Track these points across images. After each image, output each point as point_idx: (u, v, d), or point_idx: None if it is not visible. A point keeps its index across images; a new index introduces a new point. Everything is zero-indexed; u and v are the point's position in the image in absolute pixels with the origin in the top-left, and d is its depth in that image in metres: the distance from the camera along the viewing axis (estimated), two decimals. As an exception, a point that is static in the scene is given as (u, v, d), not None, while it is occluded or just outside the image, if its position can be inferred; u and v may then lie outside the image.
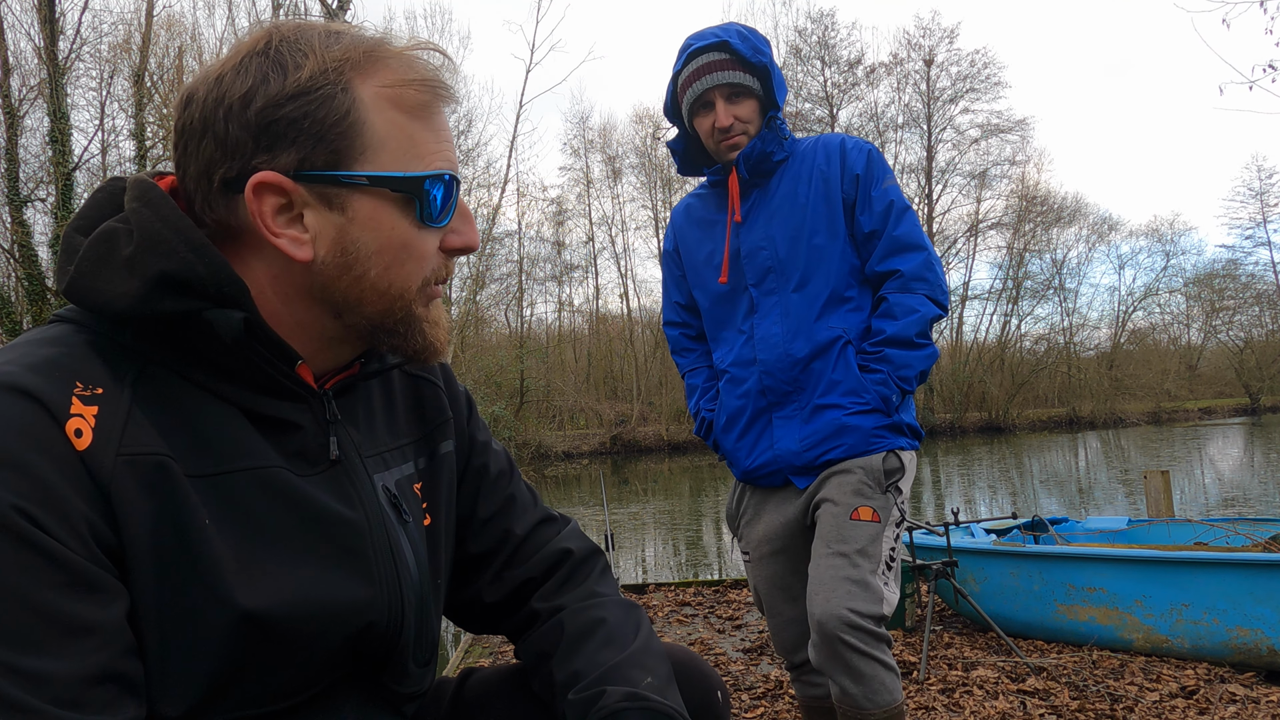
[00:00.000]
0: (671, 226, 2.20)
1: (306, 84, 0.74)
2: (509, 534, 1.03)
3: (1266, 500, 10.87)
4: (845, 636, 1.76)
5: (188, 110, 0.76)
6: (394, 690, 0.90)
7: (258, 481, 0.76)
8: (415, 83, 0.78)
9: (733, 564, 8.38)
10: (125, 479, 0.69)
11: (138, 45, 18.75)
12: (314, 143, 0.74)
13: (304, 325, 0.82)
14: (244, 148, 0.74)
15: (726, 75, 1.90)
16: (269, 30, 0.77)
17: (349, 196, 0.76)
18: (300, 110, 0.73)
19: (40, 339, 0.74)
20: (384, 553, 0.85)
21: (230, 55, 0.77)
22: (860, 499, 1.87)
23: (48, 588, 0.63)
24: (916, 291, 1.91)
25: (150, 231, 0.73)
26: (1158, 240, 39.92)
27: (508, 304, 34.68)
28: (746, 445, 2.03)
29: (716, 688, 1.04)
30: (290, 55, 0.74)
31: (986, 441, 26.36)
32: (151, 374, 0.74)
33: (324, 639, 0.79)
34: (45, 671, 0.61)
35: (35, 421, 0.66)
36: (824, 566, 1.83)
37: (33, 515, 0.63)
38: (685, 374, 2.20)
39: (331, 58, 0.75)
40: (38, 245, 15.61)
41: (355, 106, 0.75)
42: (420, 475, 0.95)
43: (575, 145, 37.14)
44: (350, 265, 0.78)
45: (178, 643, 0.71)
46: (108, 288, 0.73)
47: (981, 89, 34.22)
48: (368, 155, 0.76)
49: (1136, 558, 3.72)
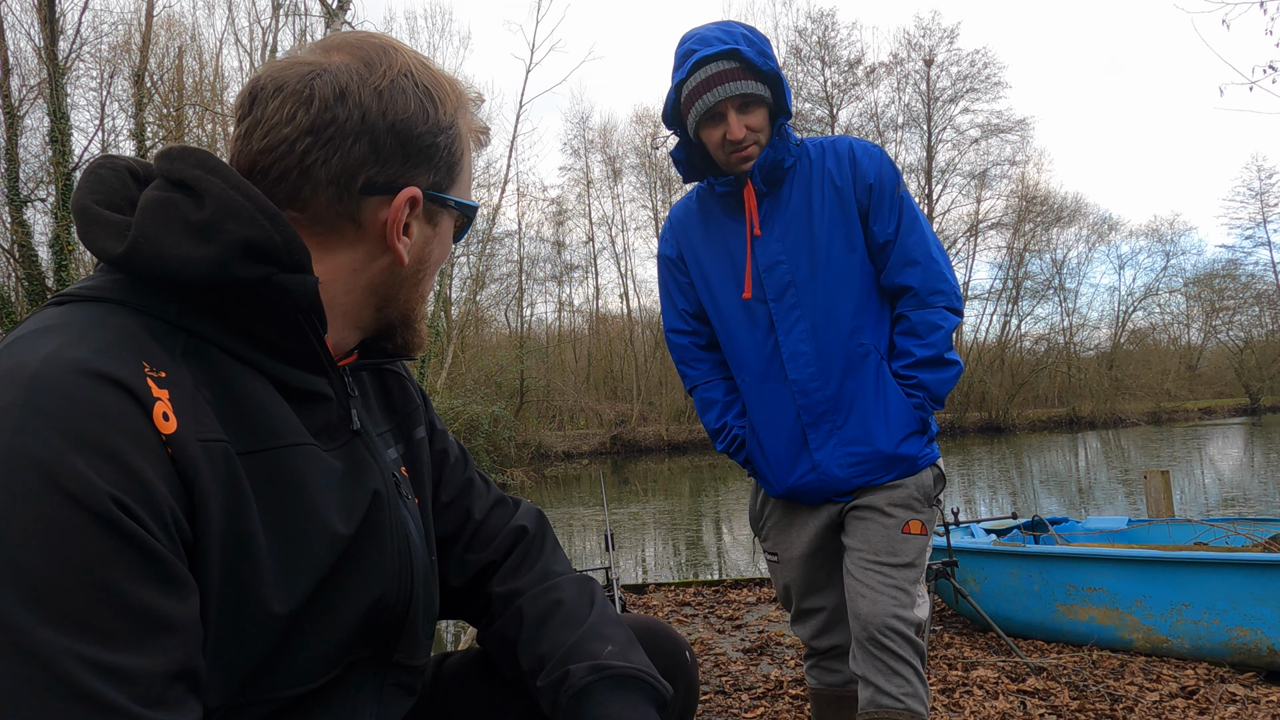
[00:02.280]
0: (671, 231, 2.10)
1: (448, 120, 0.87)
2: (469, 516, 1.08)
3: (1266, 500, 10.87)
4: (888, 641, 1.81)
5: (342, 107, 0.80)
6: (405, 665, 0.93)
7: (296, 459, 0.77)
8: (482, 130, 0.94)
9: (732, 564, 8.38)
10: (204, 468, 0.69)
11: (138, 45, 18.72)
12: (445, 170, 0.88)
13: (347, 311, 0.88)
14: (394, 160, 0.83)
15: (739, 86, 1.81)
16: (402, 54, 0.86)
17: (442, 215, 0.91)
18: (444, 142, 0.87)
19: (81, 319, 0.70)
20: (398, 524, 0.88)
21: (372, 66, 0.83)
22: (911, 513, 1.90)
23: (139, 582, 0.62)
24: (935, 305, 1.90)
25: (226, 199, 0.74)
26: (1158, 240, 39.99)
27: (508, 304, 34.73)
28: (783, 465, 1.98)
29: (684, 648, 1.10)
30: (435, 89, 0.86)
31: (986, 441, 26.36)
32: (194, 349, 0.74)
33: (345, 615, 0.82)
34: (132, 668, 0.60)
35: (123, 408, 0.65)
36: (873, 574, 1.86)
37: (128, 506, 0.62)
38: (699, 385, 2.10)
39: (456, 97, 0.89)
40: (38, 245, 15.57)
41: (462, 142, 0.90)
42: (403, 460, 0.99)
43: (575, 145, 37.24)
44: (419, 271, 0.91)
45: (225, 637, 0.71)
46: (179, 252, 0.72)
47: (981, 89, 34.28)
48: (458, 183, 0.91)
49: (1136, 558, 3.72)
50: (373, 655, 0.87)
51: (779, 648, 4.18)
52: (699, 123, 1.87)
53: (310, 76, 0.80)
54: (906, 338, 1.92)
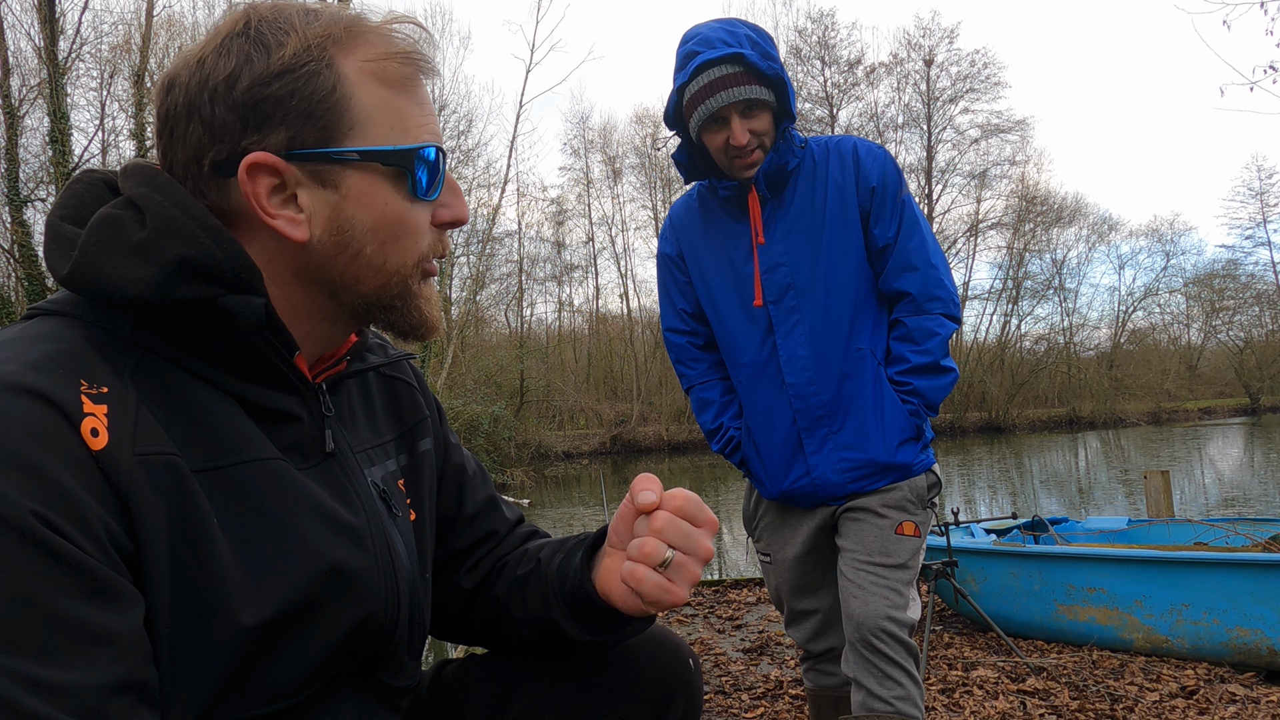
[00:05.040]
0: (671, 229, 2.08)
1: (290, 61, 0.73)
2: (493, 533, 1.08)
3: (1266, 500, 10.87)
4: (881, 644, 1.81)
5: (170, 95, 0.75)
6: (389, 685, 0.90)
7: (261, 474, 0.75)
8: (397, 56, 0.78)
9: (732, 564, 8.37)
10: (141, 481, 0.67)
11: (138, 45, 18.72)
12: (303, 120, 0.74)
13: (298, 308, 0.81)
14: (232, 129, 0.73)
15: (743, 91, 1.77)
16: (246, 10, 0.76)
17: (341, 173, 0.76)
18: (286, 88, 0.73)
19: (29, 335, 0.70)
20: (380, 545, 0.85)
21: (209, 38, 0.76)
22: (904, 514, 1.90)
23: (67, 595, 0.61)
24: (933, 312, 1.89)
25: (165, 216, 0.71)
26: (1158, 240, 39.99)
27: (508, 304, 34.71)
28: (778, 469, 1.98)
29: (688, 656, 1.08)
30: (271, 34, 0.74)
31: (986, 441, 26.35)
32: (149, 366, 0.72)
33: (325, 634, 0.79)
34: (65, 682, 0.59)
35: (48, 423, 0.64)
36: (866, 575, 1.86)
37: (51, 521, 0.61)
38: (696, 385, 2.09)
39: (313, 34, 0.75)
40: (37, 245, 15.57)
41: (340, 82, 0.75)
42: (403, 472, 0.96)
43: (575, 145, 37.17)
44: (346, 243, 0.78)
45: (186, 650, 0.70)
46: (118, 273, 0.70)
47: (981, 89, 34.27)
48: (356, 131, 0.76)
49: (1136, 558, 3.72)
50: (355, 673, 0.85)
51: (779, 648, 4.18)
52: (701, 127, 1.84)
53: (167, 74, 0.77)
54: (903, 343, 1.91)
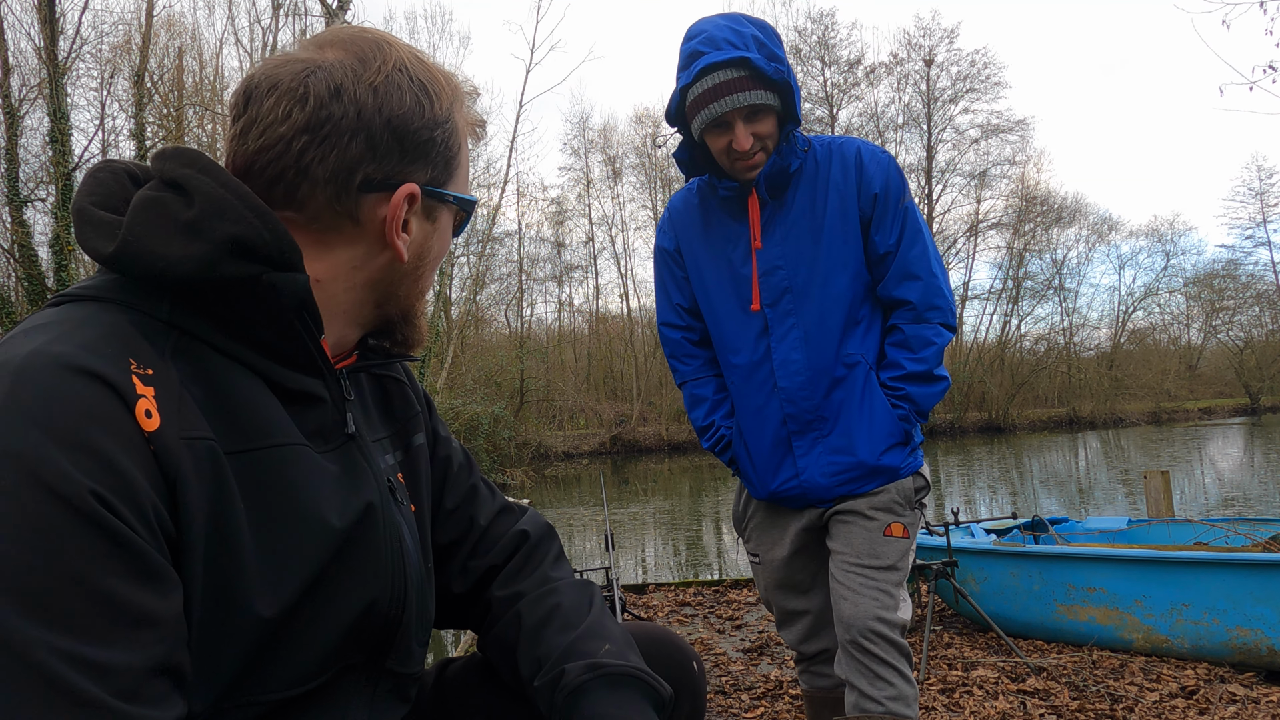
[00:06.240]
0: (670, 223, 2.05)
1: (444, 114, 0.87)
2: (473, 523, 1.08)
3: (1266, 500, 10.87)
4: (871, 645, 1.81)
5: (338, 104, 0.80)
6: (398, 673, 0.92)
7: (285, 460, 0.77)
8: (481, 124, 0.94)
9: (732, 564, 8.38)
10: (187, 464, 0.68)
11: (138, 45, 18.71)
12: (441, 164, 0.87)
13: (347, 309, 0.88)
14: (392, 156, 0.83)
15: (747, 97, 1.73)
16: (380, 42, 0.84)
17: (441, 210, 0.90)
18: (440, 136, 0.86)
19: (72, 318, 0.71)
20: (392, 529, 0.88)
21: (366, 62, 0.82)
22: (893, 516, 1.90)
23: (118, 576, 0.62)
24: (931, 321, 1.89)
25: (214, 197, 0.74)
26: (1158, 240, 39.97)
27: (508, 304, 34.72)
28: (767, 470, 1.97)
29: (692, 658, 1.09)
30: (431, 84, 0.86)
31: (986, 441, 26.36)
32: (185, 347, 0.74)
33: (337, 615, 0.81)
34: (109, 662, 0.60)
35: (106, 404, 0.65)
36: (855, 576, 1.86)
37: (109, 501, 0.62)
38: (688, 381, 2.08)
39: (451, 90, 0.88)
40: (38, 245, 15.57)
41: (459, 136, 0.90)
42: (400, 466, 0.98)
43: (575, 145, 37.22)
44: (419, 267, 0.90)
45: (210, 636, 0.71)
46: (167, 251, 0.72)
47: (981, 89, 34.26)
48: (455, 177, 0.91)
49: (1136, 558, 3.72)
50: (364, 662, 0.87)
51: (779, 648, 4.18)
52: (704, 129, 1.82)
53: (305, 74, 0.80)
54: (899, 350, 1.90)
